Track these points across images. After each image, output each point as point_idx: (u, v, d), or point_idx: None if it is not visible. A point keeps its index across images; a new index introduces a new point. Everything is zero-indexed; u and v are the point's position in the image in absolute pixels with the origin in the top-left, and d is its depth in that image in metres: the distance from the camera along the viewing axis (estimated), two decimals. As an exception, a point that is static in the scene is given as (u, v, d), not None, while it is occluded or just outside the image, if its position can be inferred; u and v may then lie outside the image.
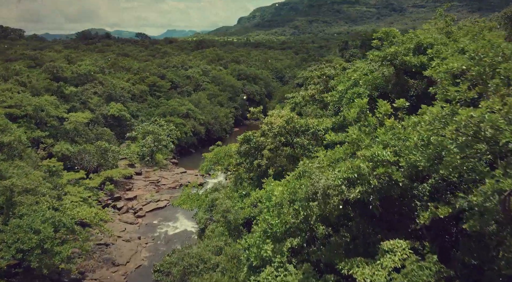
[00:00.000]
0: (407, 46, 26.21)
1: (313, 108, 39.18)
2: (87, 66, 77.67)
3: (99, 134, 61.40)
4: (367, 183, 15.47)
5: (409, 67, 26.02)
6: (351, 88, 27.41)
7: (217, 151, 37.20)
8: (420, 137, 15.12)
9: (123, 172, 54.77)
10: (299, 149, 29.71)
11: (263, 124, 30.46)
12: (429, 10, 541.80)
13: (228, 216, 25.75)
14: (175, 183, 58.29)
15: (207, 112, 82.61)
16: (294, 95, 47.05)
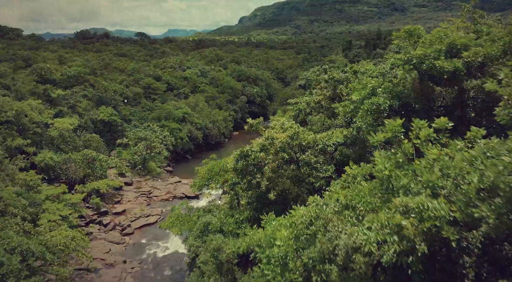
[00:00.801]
0: (437, 47, 21.70)
1: (320, 117, 34.72)
2: (77, 67, 73.27)
3: (87, 141, 57.03)
4: (406, 241, 11.02)
5: (439, 73, 21.55)
6: (367, 98, 22.94)
7: (212, 165, 32.73)
8: (483, 178, 10.70)
9: (111, 184, 50.36)
10: (305, 168, 25.25)
11: (263, 138, 26.00)
12: (431, 9, 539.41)
13: (220, 256, 21.35)
14: (168, 194, 53.89)
15: (204, 116, 78.21)
16: (298, 100, 42.59)
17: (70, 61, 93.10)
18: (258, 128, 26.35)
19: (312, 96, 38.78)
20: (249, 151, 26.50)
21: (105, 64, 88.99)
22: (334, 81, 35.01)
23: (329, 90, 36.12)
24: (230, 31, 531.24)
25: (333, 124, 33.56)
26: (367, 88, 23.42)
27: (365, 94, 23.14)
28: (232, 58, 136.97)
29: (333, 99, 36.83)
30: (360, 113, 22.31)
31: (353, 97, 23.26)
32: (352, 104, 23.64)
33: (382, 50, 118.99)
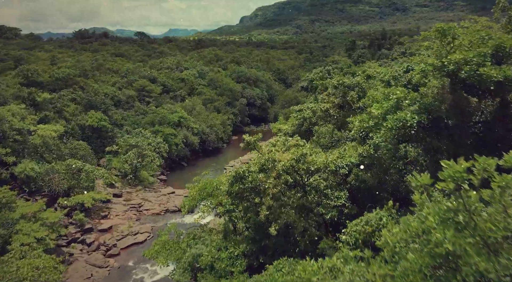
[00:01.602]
0: (481, 51, 17.41)
1: (328, 128, 30.44)
2: (66, 69, 69.07)
3: (74, 149, 52.78)
4: None
5: (482, 82, 17.29)
6: (391, 111, 18.67)
7: (204, 184, 28.43)
8: None
9: (97, 197, 46.09)
10: (313, 195, 20.97)
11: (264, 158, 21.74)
12: (433, 9, 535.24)
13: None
14: (160, 207, 49.64)
15: (201, 120, 73.96)
16: (302, 107, 38.34)
17: (62, 62, 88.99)
18: (256, 146, 22.03)
19: (318, 103, 34.51)
20: (246, 172, 22.23)
21: (98, 65, 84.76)
22: (344, 87, 30.71)
23: (338, 97, 31.84)
24: (231, 31, 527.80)
25: (343, 137, 29.30)
26: (390, 100, 19.13)
27: (388, 107, 18.85)
28: (232, 59, 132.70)
29: (342, 107, 32.59)
30: (383, 131, 18.00)
31: (373, 110, 18.98)
32: (371, 119, 19.33)
33: (387, 50, 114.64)
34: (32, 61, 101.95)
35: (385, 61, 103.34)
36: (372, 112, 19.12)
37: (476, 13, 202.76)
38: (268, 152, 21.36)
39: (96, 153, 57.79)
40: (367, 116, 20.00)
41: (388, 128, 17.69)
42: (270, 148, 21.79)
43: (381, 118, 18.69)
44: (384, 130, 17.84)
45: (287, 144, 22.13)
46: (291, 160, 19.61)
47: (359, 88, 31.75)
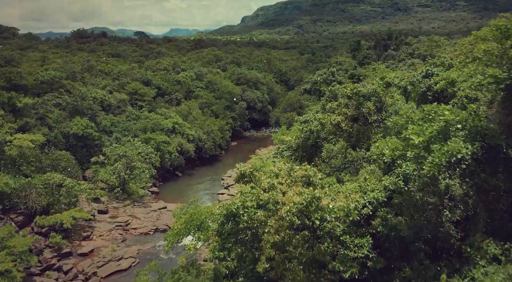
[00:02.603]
0: None
1: (341, 146, 25.58)
2: (52, 71, 64.30)
3: (56, 160, 47.97)
4: None
5: None
6: (437, 139, 13.78)
7: (191, 215, 23.50)
8: None
9: (78, 216, 41.26)
10: (327, 243, 16.08)
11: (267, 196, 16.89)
12: (434, 9, 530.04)
13: None
14: (149, 225, 44.80)
15: (197, 126, 69.10)
16: (308, 117, 33.45)
17: (52, 63, 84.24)
18: (253, 177, 17.16)
19: (327, 114, 29.62)
20: (240, 209, 17.37)
21: (89, 67, 79.92)
22: (359, 97, 25.84)
23: (351, 108, 26.97)
24: (232, 31, 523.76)
25: (358, 157, 24.41)
26: (435, 124, 14.19)
27: (433, 133, 13.93)
28: (232, 59, 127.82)
29: (356, 119, 27.71)
30: (428, 168, 13.08)
31: (412, 136, 14.05)
32: (410, 148, 14.38)
33: (394, 51, 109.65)
34: (24, 61, 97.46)
35: (392, 63, 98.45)
36: (410, 138, 14.15)
37: (478, 13, 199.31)
38: (269, 187, 16.58)
39: (81, 164, 53.04)
40: (400, 142, 15.07)
41: (434, 164, 12.81)
42: (272, 180, 17.01)
43: (422, 147, 13.79)
44: (430, 166, 12.96)
45: (293, 174, 17.35)
46: (299, 204, 14.79)
47: (376, 98, 26.89)
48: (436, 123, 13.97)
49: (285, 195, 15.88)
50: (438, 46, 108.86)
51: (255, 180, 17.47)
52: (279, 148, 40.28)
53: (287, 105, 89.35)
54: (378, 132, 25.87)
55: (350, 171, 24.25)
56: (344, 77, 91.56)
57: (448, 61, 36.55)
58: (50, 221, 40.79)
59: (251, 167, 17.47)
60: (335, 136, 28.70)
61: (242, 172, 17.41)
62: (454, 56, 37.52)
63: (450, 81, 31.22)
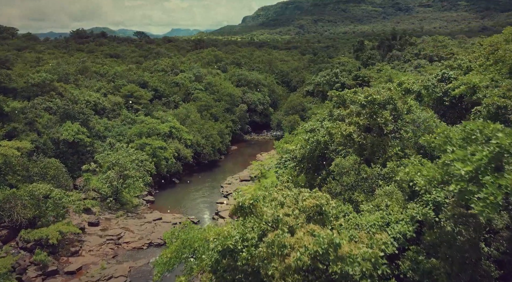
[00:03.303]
0: None
1: (353, 161, 22.62)
2: (43, 73, 61.39)
3: (44, 168, 45.06)
4: None
5: None
6: (489, 169, 10.80)
7: (182, 242, 20.55)
8: None
9: (65, 230, 38.36)
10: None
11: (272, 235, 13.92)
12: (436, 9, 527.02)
13: None
14: (142, 240, 41.84)
15: (196, 130, 66.13)
16: (315, 125, 30.46)
17: (45, 64, 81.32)
18: (253, 209, 14.20)
19: (337, 124, 26.63)
20: (239, 244, 14.41)
21: (83, 68, 77.00)
22: (374, 105, 22.86)
23: (364, 117, 23.99)
24: (233, 31, 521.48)
25: (373, 174, 21.43)
26: (484, 149, 11.18)
27: (482, 161, 10.92)
28: (232, 60, 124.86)
29: (369, 129, 24.72)
30: (480, 207, 10.09)
31: (457, 165, 11.04)
32: (453, 179, 11.37)
33: (399, 51, 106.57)
34: (19, 62, 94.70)
35: (398, 63, 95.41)
36: (453, 165, 11.18)
37: (480, 13, 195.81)
38: (274, 220, 13.66)
39: (72, 172, 50.18)
40: (438, 170, 12.09)
41: (488, 203, 9.85)
42: (277, 211, 14.08)
43: (467, 178, 10.83)
44: (482, 206, 10.01)
45: (302, 203, 14.44)
46: (313, 250, 11.83)
47: (392, 105, 23.93)
48: (486, 147, 11.02)
49: (294, 234, 12.97)
50: (444, 46, 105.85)
51: (256, 212, 14.51)
52: (281, 157, 37.32)
53: (289, 108, 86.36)
54: (395, 145, 22.92)
55: (364, 190, 21.31)
56: (348, 78, 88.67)
57: (466, 63, 33.66)
58: (35, 236, 37.95)
59: (251, 197, 14.51)
60: (345, 147, 25.75)
61: (240, 204, 14.46)
62: (472, 58, 34.61)
63: (471, 86, 28.24)
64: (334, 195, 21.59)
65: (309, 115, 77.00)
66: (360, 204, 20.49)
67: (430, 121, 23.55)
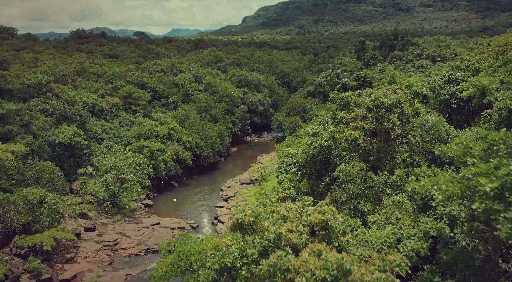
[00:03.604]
0: None
1: (359, 168, 21.50)
2: (40, 74, 60.29)
3: (39, 172, 43.96)
4: None
5: None
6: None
7: (178, 254, 19.36)
8: None
9: (60, 236, 37.27)
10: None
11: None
12: (436, 9, 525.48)
13: None
14: (140, 245, 40.74)
15: (195, 132, 65.03)
16: (317, 129, 29.30)
17: (42, 65, 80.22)
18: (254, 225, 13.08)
19: (341, 128, 25.50)
20: (238, 261, 13.29)
21: (81, 69, 75.88)
22: (381, 109, 21.73)
23: (370, 121, 22.86)
24: (233, 31, 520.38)
25: (380, 182, 20.32)
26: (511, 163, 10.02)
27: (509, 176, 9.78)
28: (232, 60, 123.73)
29: (375, 134, 23.59)
30: (509, 229, 8.96)
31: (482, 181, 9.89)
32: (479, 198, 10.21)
33: (400, 51, 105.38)
34: (16, 63, 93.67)
35: (400, 64, 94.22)
36: (475, 180, 10.05)
37: (480, 13, 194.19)
38: (276, 237, 12.55)
39: (68, 175, 49.08)
40: (458, 184, 10.94)
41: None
42: (279, 227, 12.96)
43: (492, 195, 9.70)
44: (511, 227, 8.88)
45: (307, 218, 13.30)
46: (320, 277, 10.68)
47: (400, 109, 22.80)
48: None
49: (299, 254, 11.85)
50: (447, 47, 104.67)
51: (256, 228, 13.39)
52: (283, 161, 36.18)
53: (290, 109, 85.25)
54: (403, 151, 21.78)
55: (370, 199, 20.18)
56: (349, 79, 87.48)
57: (474, 64, 32.53)
58: (29, 242, 36.86)
59: (252, 214, 13.35)
60: (349, 151, 24.61)
61: (240, 221, 13.31)
62: (480, 59, 33.49)
63: (480, 88, 27.07)
64: (339, 204, 20.47)
65: (310, 117, 75.89)
66: (366, 214, 19.39)
67: (439, 125, 22.39)
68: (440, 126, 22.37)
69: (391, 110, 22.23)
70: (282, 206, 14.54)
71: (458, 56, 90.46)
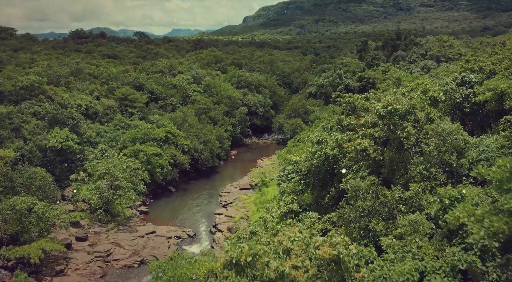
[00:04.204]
0: None
1: (370, 181, 19.45)
2: (32, 75, 58.28)
3: (29, 179, 41.89)
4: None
5: None
6: None
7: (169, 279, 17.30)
8: None
9: (49, 248, 35.25)
10: None
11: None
12: (437, 9, 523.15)
13: None
14: (134, 256, 38.72)
15: (193, 135, 62.99)
16: (323, 136, 27.19)
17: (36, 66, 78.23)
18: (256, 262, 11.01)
19: (348, 135, 23.44)
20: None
21: (76, 70, 73.84)
22: (395, 116, 19.68)
23: (381, 129, 20.81)
24: (234, 31, 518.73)
25: (394, 199, 18.27)
26: None
27: None
28: (232, 60, 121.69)
29: (386, 142, 21.56)
30: None
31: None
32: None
33: (403, 52, 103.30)
34: (12, 64, 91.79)
35: (403, 64, 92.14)
36: None
37: (481, 13, 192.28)
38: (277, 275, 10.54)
39: (60, 181, 47.10)
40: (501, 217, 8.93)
41: None
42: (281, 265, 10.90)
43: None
44: None
45: (315, 252, 11.29)
46: None
47: (412, 114, 20.76)
48: None
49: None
50: (451, 46, 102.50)
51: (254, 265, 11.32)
52: (284, 169, 34.09)
53: (291, 111, 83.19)
54: (419, 162, 19.72)
55: (383, 216, 18.14)
56: (351, 80, 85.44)
57: (489, 66, 30.50)
58: (17, 254, 34.76)
59: (248, 251, 11.18)
60: (357, 161, 22.55)
61: (235, 261, 11.19)
62: (496, 60, 31.45)
63: (498, 92, 25.01)
64: (348, 222, 18.42)
65: (312, 119, 73.89)
66: (379, 235, 17.35)
67: (458, 134, 20.35)
68: (458, 135, 20.31)
69: (404, 117, 20.20)
70: (286, 234, 12.51)
71: (463, 56, 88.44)
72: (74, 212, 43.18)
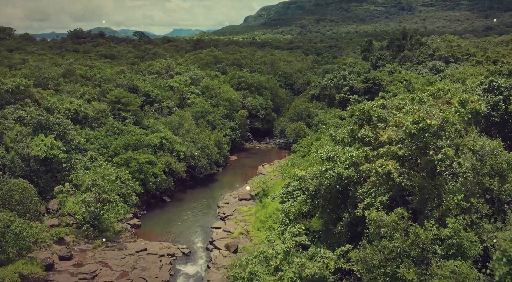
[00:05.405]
0: None
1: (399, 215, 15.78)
2: (18, 78, 54.73)
3: (9, 192, 38.29)
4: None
5: None
6: None
7: None
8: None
9: (26, 271, 31.64)
10: None
11: None
12: (439, 9, 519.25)
13: None
14: (122, 278, 35.09)
15: (190, 140, 59.38)
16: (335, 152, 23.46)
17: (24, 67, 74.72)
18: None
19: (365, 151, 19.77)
20: None
21: (68, 71, 70.26)
22: (427, 134, 15.99)
23: (408, 147, 17.13)
24: (235, 31, 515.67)
25: (428, 241, 14.63)
26: None
27: None
28: (233, 61, 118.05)
29: (415, 165, 17.89)
30: None
31: None
32: None
33: (409, 52, 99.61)
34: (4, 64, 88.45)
35: (411, 65, 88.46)
36: None
37: (483, 12, 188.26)
38: None
39: (45, 193, 43.52)
40: None
41: None
42: None
43: None
44: None
45: None
46: None
47: (447, 133, 17.07)
48: None
49: None
50: (459, 46, 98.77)
51: None
52: (288, 185, 30.37)
53: (293, 114, 79.54)
54: (456, 190, 16.05)
55: (414, 261, 14.49)
56: (357, 81, 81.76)
57: (521, 69, 26.99)
58: (-11, 278, 31.30)
59: None
60: (377, 186, 18.88)
61: None
62: None
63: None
64: (371, 267, 14.78)
65: (316, 122, 70.23)
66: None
67: (500, 154, 16.69)
68: (501, 155, 16.65)
69: (438, 134, 16.57)
70: None
71: (473, 57, 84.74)
72: (58, 227, 39.63)
